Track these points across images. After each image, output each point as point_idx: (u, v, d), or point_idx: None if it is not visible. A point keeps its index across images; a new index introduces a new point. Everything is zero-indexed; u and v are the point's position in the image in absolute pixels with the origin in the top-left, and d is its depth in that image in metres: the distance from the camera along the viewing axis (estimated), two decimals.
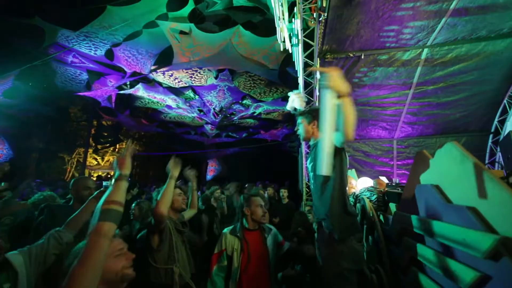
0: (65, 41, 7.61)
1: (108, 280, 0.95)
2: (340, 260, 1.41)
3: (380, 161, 5.06)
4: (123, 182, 1.11)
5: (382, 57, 3.92)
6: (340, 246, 1.43)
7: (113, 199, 1.01)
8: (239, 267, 1.79)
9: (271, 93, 11.60)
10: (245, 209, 1.95)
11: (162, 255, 1.78)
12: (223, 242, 1.88)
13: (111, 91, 10.44)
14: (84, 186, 2.04)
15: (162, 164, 10.58)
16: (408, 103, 4.52)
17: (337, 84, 1.15)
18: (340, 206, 1.46)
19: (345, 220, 1.46)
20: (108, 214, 0.96)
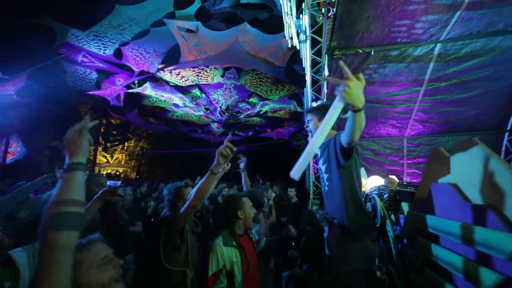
0: (75, 40, 7.75)
1: None
2: (352, 259, 1.39)
3: (390, 159, 4.95)
4: (77, 173, 0.79)
5: (393, 53, 3.82)
6: (353, 245, 1.41)
7: (67, 197, 0.73)
8: (242, 280, 1.56)
9: (277, 91, 11.54)
10: (238, 212, 1.68)
11: (181, 255, 1.69)
12: (220, 258, 1.53)
13: (120, 90, 10.61)
14: (97, 183, 2.06)
15: (169, 162, 10.81)
16: (419, 100, 4.40)
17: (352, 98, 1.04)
18: (356, 206, 1.44)
19: (360, 219, 1.44)
20: (63, 220, 0.69)
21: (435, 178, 1.38)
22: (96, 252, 0.84)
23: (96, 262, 0.82)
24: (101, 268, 0.83)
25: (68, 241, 0.69)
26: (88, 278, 0.79)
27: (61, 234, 0.68)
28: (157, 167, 18.60)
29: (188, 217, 1.64)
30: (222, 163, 1.48)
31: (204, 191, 1.53)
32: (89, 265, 0.81)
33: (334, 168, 1.51)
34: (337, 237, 1.50)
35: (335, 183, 1.51)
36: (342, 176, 1.47)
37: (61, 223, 0.69)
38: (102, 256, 0.85)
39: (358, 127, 1.16)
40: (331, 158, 1.53)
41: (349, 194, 1.45)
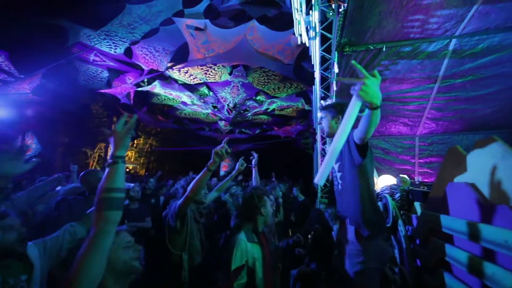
0: (87, 40, 7.93)
1: (116, 270, 1.00)
2: (366, 258, 1.38)
3: (401, 158, 4.84)
4: (119, 166, 0.98)
5: (405, 49, 3.71)
6: (368, 244, 1.40)
7: (113, 186, 0.93)
8: (263, 277, 1.58)
9: (285, 89, 11.46)
10: (262, 210, 1.70)
11: (181, 238, 1.89)
12: (243, 254, 1.55)
13: (130, 88, 10.80)
14: (96, 179, 2.06)
15: (177, 159, 10.92)
16: (432, 98, 4.27)
17: (370, 96, 1.03)
18: (370, 204, 1.43)
19: (375, 218, 1.43)
20: (112, 202, 0.91)
21: (451, 177, 1.34)
22: (123, 237, 1.09)
23: (123, 245, 1.07)
24: (125, 249, 1.07)
25: (115, 217, 0.92)
26: (116, 255, 1.02)
27: (111, 212, 0.91)
28: (165, 164, 18.88)
29: (186, 206, 1.84)
30: (217, 162, 1.65)
31: (200, 185, 1.72)
32: (117, 246, 1.04)
33: (348, 166, 1.49)
34: (351, 235, 1.49)
35: (349, 182, 1.49)
36: (357, 174, 1.45)
37: (110, 205, 0.91)
38: (127, 240, 1.10)
39: (374, 124, 1.17)
40: (344, 156, 1.51)
41: (365, 192, 1.43)
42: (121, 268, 1.01)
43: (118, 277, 1.01)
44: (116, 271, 1.00)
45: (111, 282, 0.98)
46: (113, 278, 0.99)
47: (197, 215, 2.09)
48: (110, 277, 0.98)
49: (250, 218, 1.71)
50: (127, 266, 1.03)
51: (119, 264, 1.01)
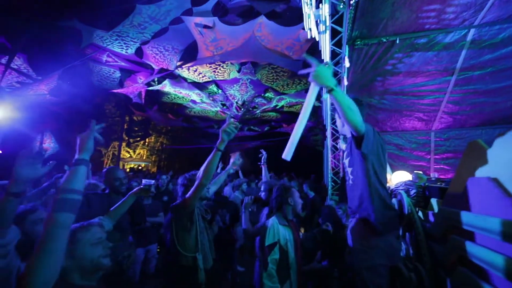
0: (100, 41, 8.14)
1: (82, 267, 0.97)
2: (374, 254, 1.36)
3: (415, 154, 4.70)
4: (80, 167, 0.96)
5: (421, 40, 3.57)
6: (376, 240, 1.38)
7: (69, 187, 0.90)
8: (295, 257, 1.79)
9: (294, 85, 11.36)
10: (290, 200, 1.94)
11: (191, 238, 1.79)
12: (274, 233, 1.77)
13: (141, 87, 11.03)
14: (114, 177, 2.16)
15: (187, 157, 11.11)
16: (449, 91, 4.10)
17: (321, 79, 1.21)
18: (380, 200, 1.40)
19: (385, 214, 1.40)
20: (64, 204, 0.87)
21: (471, 172, 1.28)
22: (93, 233, 1.05)
23: (92, 241, 1.03)
24: (93, 246, 1.03)
25: (65, 220, 0.86)
26: (83, 252, 0.99)
27: (60, 214, 0.85)
28: (176, 162, 19.24)
29: (197, 196, 1.72)
30: (226, 140, 1.60)
31: (211, 167, 1.65)
32: (86, 243, 1.02)
33: (356, 161, 1.47)
34: (360, 232, 1.47)
35: (357, 176, 1.48)
36: (365, 169, 1.43)
37: (61, 206, 0.87)
38: (97, 237, 1.06)
39: (346, 107, 1.24)
40: (352, 151, 1.50)
41: (372, 188, 1.41)
42: (88, 265, 0.98)
43: (85, 273, 0.99)
44: (82, 268, 0.98)
45: (77, 278, 0.97)
46: (79, 274, 0.97)
47: (203, 211, 2.02)
48: (76, 273, 0.97)
49: (279, 207, 1.94)
50: (94, 264, 1.00)
51: (86, 262, 0.98)
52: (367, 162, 1.41)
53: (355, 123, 1.29)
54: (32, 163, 0.98)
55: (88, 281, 1.00)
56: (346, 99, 1.25)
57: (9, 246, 0.95)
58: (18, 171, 0.95)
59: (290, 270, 1.76)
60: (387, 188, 1.49)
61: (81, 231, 1.04)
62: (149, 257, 3.42)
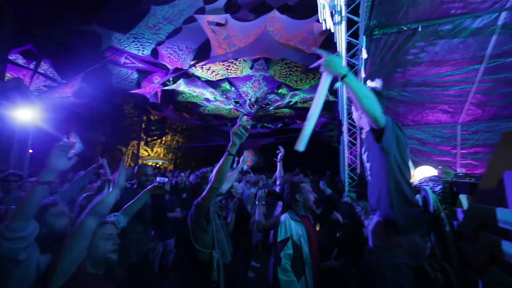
0: (118, 44, 8.46)
1: (94, 258, 1.16)
2: (396, 252, 1.30)
3: (440, 149, 4.43)
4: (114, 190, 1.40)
5: (445, 27, 3.33)
6: (398, 238, 1.31)
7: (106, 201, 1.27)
8: (309, 253, 1.77)
9: (308, 80, 11.14)
10: (297, 196, 1.92)
11: (208, 236, 1.83)
12: (286, 229, 1.77)
13: (157, 87, 11.35)
14: (143, 172, 2.34)
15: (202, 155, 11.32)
16: (478, 81, 3.81)
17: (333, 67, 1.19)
18: (403, 196, 1.33)
19: (408, 212, 1.32)
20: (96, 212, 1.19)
21: (507, 166, 1.18)
22: (106, 229, 1.23)
23: (105, 236, 1.20)
24: (106, 241, 1.20)
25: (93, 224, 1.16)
26: (96, 244, 1.17)
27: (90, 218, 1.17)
28: (191, 159, 19.67)
29: (210, 198, 1.72)
30: (237, 143, 1.50)
31: (223, 171, 1.59)
32: (100, 236, 1.19)
33: (376, 156, 1.40)
34: (381, 229, 1.40)
35: (377, 172, 1.41)
36: (385, 164, 1.35)
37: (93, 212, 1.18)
38: (109, 232, 1.23)
39: (362, 95, 1.19)
40: (371, 145, 1.43)
41: (395, 184, 1.33)
42: (99, 256, 1.16)
43: (96, 263, 1.16)
44: (94, 258, 1.15)
45: (90, 266, 1.14)
46: (92, 263, 1.15)
47: (218, 209, 2.05)
48: (89, 261, 1.14)
49: (289, 203, 1.95)
50: (104, 256, 1.17)
51: (98, 253, 1.16)
52: (389, 157, 1.34)
53: (373, 113, 1.22)
54: (64, 155, 1.08)
55: (98, 270, 1.17)
56: (361, 86, 1.22)
57: (30, 238, 1.01)
58: (52, 161, 1.04)
59: (305, 266, 1.74)
60: (410, 184, 1.41)
61: (98, 227, 1.21)
62: (167, 251, 3.53)
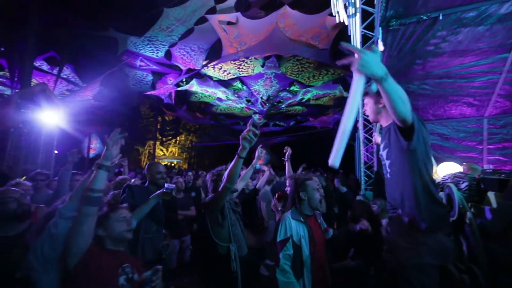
0: (133, 47, 8.75)
1: (112, 237, 1.32)
2: (421, 252, 1.24)
3: (464, 145, 4.18)
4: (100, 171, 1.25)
5: (469, 14, 3.12)
6: (424, 237, 1.25)
7: (92, 187, 1.21)
8: (310, 254, 1.68)
9: (320, 76, 10.92)
10: (301, 194, 1.80)
11: (224, 230, 1.94)
12: (287, 228, 1.70)
13: (171, 88, 11.63)
14: (157, 170, 2.37)
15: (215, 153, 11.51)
16: (506, 71, 3.55)
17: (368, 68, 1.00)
18: (429, 194, 1.27)
19: (433, 210, 1.26)
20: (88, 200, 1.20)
21: None
22: (120, 213, 1.38)
23: (118, 219, 1.36)
24: (120, 222, 1.35)
25: (89, 211, 1.20)
26: (113, 225, 1.33)
27: (86, 207, 1.20)
28: (205, 158, 20.01)
29: (223, 197, 1.86)
30: (247, 147, 1.60)
31: (234, 173, 1.72)
32: (115, 219, 1.35)
33: (398, 152, 1.34)
34: (404, 228, 1.34)
35: (399, 169, 1.35)
36: (408, 161, 1.29)
37: (86, 201, 1.20)
38: (121, 216, 1.38)
39: (398, 99, 1.09)
40: (392, 142, 1.37)
41: (419, 180, 1.27)
42: (116, 236, 1.33)
43: (114, 241, 1.33)
44: (112, 237, 1.32)
45: (109, 244, 1.32)
46: (110, 241, 1.32)
47: (233, 205, 2.12)
48: (108, 240, 1.32)
49: (293, 202, 1.84)
50: (121, 236, 1.34)
51: (115, 233, 1.33)
52: (414, 154, 1.28)
53: (404, 115, 1.15)
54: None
55: (117, 247, 1.34)
56: (399, 90, 1.09)
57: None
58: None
59: (303, 268, 1.66)
60: (432, 181, 1.33)
61: (111, 212, 1.38)
62: (184, 248, 3.62)
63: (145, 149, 17.66)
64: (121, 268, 1.27)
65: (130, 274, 1.29)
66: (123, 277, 1.26)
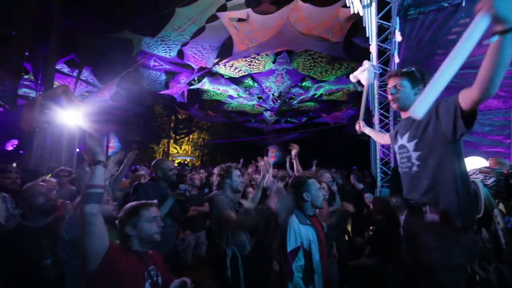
0: (147, 48, 8.96)
1: (140, 237, 1.24)
2: (453, 252, 1.16)
3: (490, 139, 3.93)
4: (97, 167, 1.20)
5: None
6: (457, 236, 1.17)
7: (91, 183, 1.15)
8: (320, 259, 1.57)
9: (333, 71, 10.66)
10: (304, 195, 1.68)
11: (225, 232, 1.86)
12: (296, 236, 1.56)
13: (184, 87, 11.84)
14: (169, 167, 2.36)
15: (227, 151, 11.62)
16: None
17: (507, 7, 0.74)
18: (467, 189, 1.19)
19: (469, 207, 1.19)
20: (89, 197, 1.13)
21: None
22: (150, 212, 1.29)
23: (149, 218, 1.27)
24: (150, 223, 1.27)
25: (92, 209, 1.11)
26: (142, 225, 1.25)
27: (87, 205, 1.12)
28: (217, 156, 20.26)
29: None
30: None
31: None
32: (145, 219, 1.26)
33: (435, 144, 1.22)
34: (434, 227, 1.25)
35: (435, 162, 1.23)
36: (451, 153, 1.20)
37: (87, 199, 1.13)
38: (153, 215, 1.29)
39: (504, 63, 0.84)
40: (430, 131, 1.24)
41: (460, 174, 1.18)
42: (145, 237, 1.25)
43: (142, 242, 1.26)
44: (141, 238, 1.24)
45: (136, 245, 1.24)
46: (138, 241, 1.25)
47: (237, 205, 2.04)
48: (136, 240, 1.24)
49: (296, 203, 1.73)
50: (150, 237, 1.26)
51: (144, 234, 1.24)
52: (460, 145, 1.19)
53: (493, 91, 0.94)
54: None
55: (143, 248, 1.27)
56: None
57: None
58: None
59: (314, 274, 1.55)
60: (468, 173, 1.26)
61: (143, 208, 1.29)
62: (199, 243, 3.70)
63: (159, 147, 18.16)
64: (146, 271, 1.20)
65: (155, 278, 1.23)
66: (148, 282, 1.18)
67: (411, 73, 1.35)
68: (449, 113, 1.15)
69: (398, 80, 1.37)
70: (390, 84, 1.42)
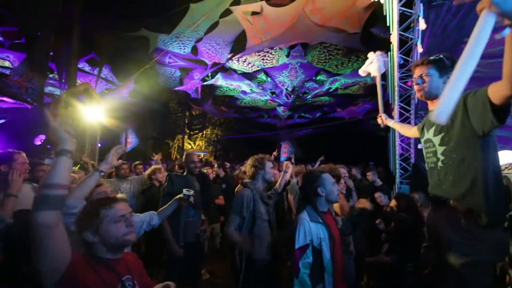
0: (163, 45, 9.13)
1: (108, 244, 0.98)
2: (481, 249, 1.11)
3: None
4: (60, 158, 0.87)
5: None
6: (484, 233, 1.12)
7: (50, 181, 0.82)
8: (331, 258, 1.53)
9: (350, 64, 10.33)
10: (319, 190, 1.63)
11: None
12: (306, 233, 1.53)
13: (197, 83, 11.99)
14: (190, 160, 2.54)
15: (240, 146, 11.65)
16: None
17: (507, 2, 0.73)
18: (498, 185, 1.13)
19: (500, 203, 1.13)
20: (44, 201, 0.80)
21: None
22: (115, 211, 1.01)
23: (114, 219, 1.00)
24: (117, 224, 1.00)
25: (46, 219, 0.78)
26: (107, 229, 0.98)
27: (38, 214, 0.78)
28: (230, 151, 20.48)
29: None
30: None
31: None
32: (109, 220, 0.99)
33: (465, 137, 1.17)
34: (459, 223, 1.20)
35: (464, 156, 1.18)
36: (483, 147, 1.14)
37: (39, 204, 0.79)
38: (119, 214, 1.01)
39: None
40: (457, 125, 1.19)
41: (491, 170, 1.13)
42: (112, 241, 0.98)
43: (110, 248, 1.00)
44: (107, 243, 0.98)
45: (104, 252, 0.99)
46: (105, 248, 0.99)
47: (265, 197, 2.09)
48: (101, 247, 0.98)
49: (309, 199, 1.67)
50: (119, 241, 0.99)
51: (111, 238, 0.97)
52: (492, 139, 1.14)
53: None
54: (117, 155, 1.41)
55: (114, 255, 1.02)
56: None
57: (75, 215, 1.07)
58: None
59: (325, 273, 1.52)
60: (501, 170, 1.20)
61: (104, 207, 1.01)
62: (214, 234, 3.79)
63: (174, 143, 18.65)
64: (120, 283, 0.97)
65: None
66: None
67: (439, 61, 1.27)
68: (477, 106, 1.09)
69: (425, 69, 1.29)
70: (416, 73, 1.34)
